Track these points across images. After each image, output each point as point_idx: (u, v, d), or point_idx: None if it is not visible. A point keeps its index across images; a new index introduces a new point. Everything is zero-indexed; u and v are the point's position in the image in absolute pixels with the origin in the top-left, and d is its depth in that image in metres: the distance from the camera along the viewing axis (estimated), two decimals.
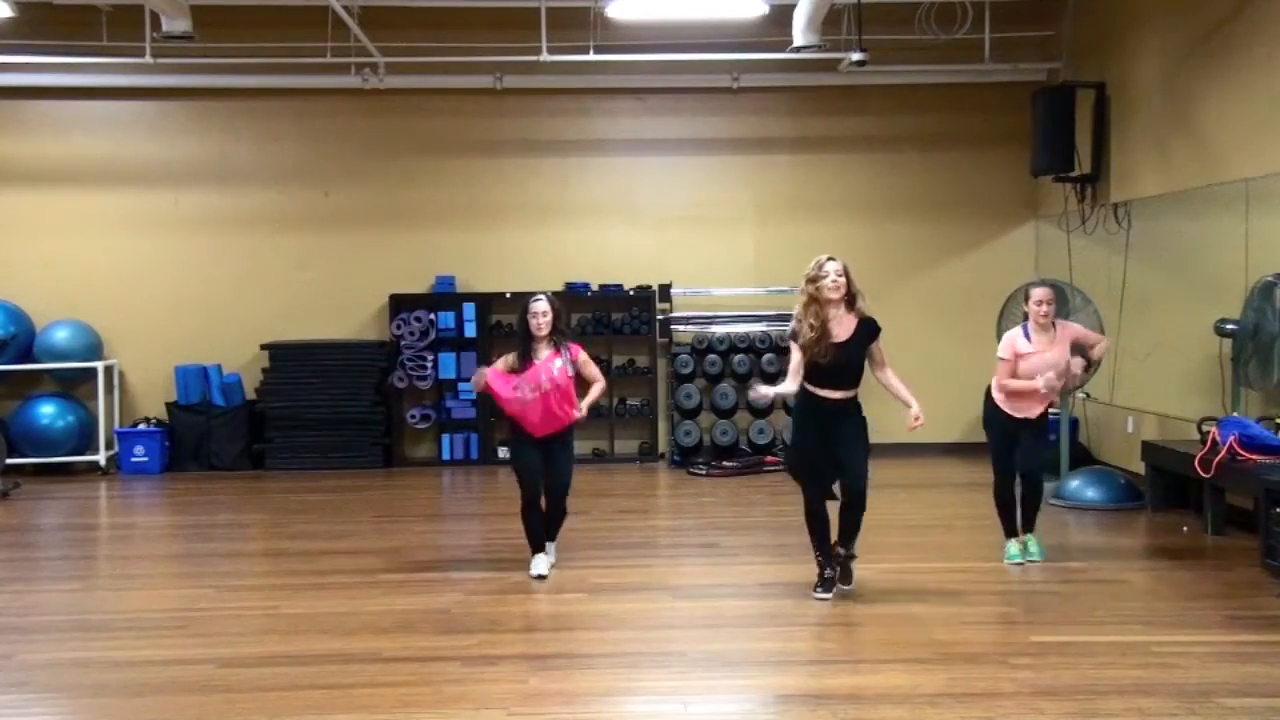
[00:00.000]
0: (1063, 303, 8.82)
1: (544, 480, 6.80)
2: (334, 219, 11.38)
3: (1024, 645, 5.43)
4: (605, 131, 11.55)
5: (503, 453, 11.23)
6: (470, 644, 5.56)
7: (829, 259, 6.13)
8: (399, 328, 11.10)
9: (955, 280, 11.34)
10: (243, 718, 4.72)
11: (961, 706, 4.65)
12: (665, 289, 11.29)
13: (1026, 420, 6.95)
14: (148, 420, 11.13)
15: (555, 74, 10.70)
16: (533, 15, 9.72)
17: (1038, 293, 6.98)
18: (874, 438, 6.71)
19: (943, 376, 9.96)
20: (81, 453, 10.93)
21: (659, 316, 11.31)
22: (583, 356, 6.95)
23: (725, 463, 10.78)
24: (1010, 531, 7.10)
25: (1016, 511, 7.07)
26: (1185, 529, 7.84)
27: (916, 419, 6.24)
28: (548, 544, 6.99)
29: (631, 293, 11.29)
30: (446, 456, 11.31)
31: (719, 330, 11.33)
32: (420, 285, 11.29)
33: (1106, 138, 9.96)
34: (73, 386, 11.19)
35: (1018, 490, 7.04)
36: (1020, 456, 6.96)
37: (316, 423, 10.93)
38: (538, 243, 11.37)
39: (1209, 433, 7.40)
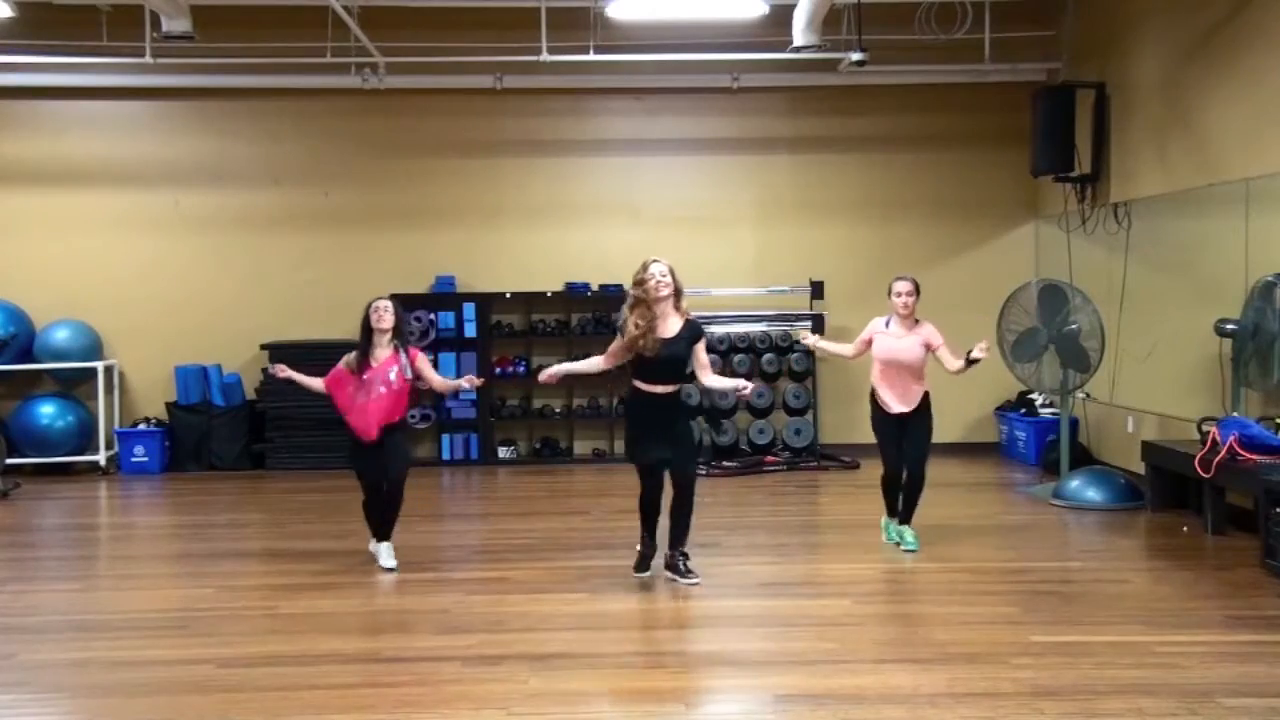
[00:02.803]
0: (1062, 302, 8.84)
1: (383, 472, 7.01)
2: (334, 219, 11.39)
3: (1024, 645, 5.43)
4: (605, 131, 11.56)
5: (504, 452, 11.27)
6: (470, 644, 5.56)
7: (654, 261, 6.50)
8: None
9: (955, 280, 11.33)
10: (243, 718, 4.72)
11: (961, 706, 4.65)
12: None
13: (904, 414, 7.26)
14: (148, 420, 11.14)
15: (555, 74, 10.70)
16: (533, 15, 9.73)
17: (899, 285, 7.32)
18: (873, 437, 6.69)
19: (942, 377, 9.95)
20: (81, 453, 10.94)
21: None
22: (421, 359, 7.10)
23: (725, 463, 10.78)
24: (890, 511, 7.49)
25: (898, 496, 7.42)
26: (1185, 529, 7.84)
27: (744, 390, 6.64)
28: (384, 544, 7.12)
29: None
30: (446, 456, 11.32)
31: (719, 330, 11.32)
32: (420, 285, 11.29)
33: (1106, 138, 9.96)
34: (73, 386, 11.19)
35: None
36: (906, 449, 7.29)
37: (316, 423, 10.91)
38: (538, 243, 11.38)
39: (1209, 433, 7.40)
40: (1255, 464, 6.97)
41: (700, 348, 6.61)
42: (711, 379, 6.74)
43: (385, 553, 7.10)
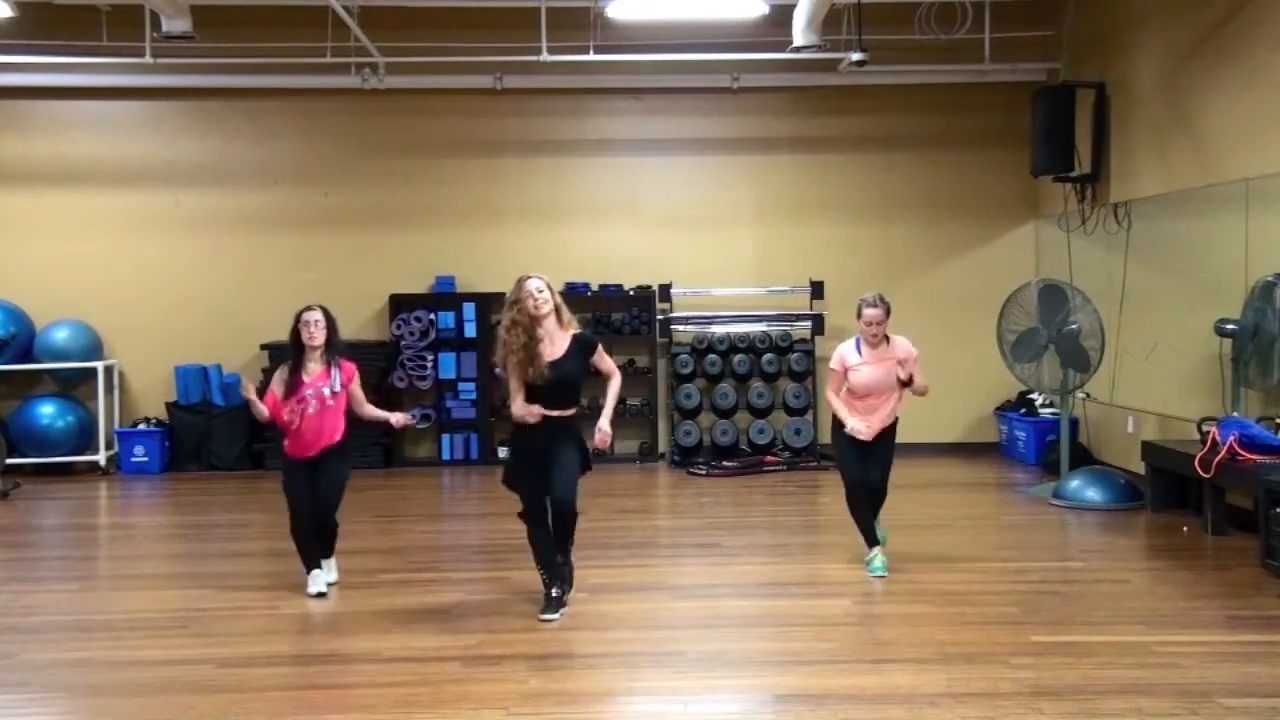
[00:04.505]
0: (1062, 302, 8.84)
1: (312, 494, 6.51)
2: (334, 219, 11.39)
3: (1024, 645, 5.43)
4: (605, 131, 11.55)
5: (504, 453, 11.21)
6: (470, 644, 5.56)
7: (529, 277, 5.95)
8: (399, 328, 11.11)
9: (955, 280, 11.34)
10: (243, 718, 4.72)
11: (961, 706, 4.65)
12: (665, 289, 11.29)
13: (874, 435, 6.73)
14: (148, 420, 11.14)
15: (555, 74, 10.70)
16: (533, 15, 9.73)
17: (869, 313, 6.66)
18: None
19: (943, 377, 9.92)
20: (81, 453, 10.94)
21: (659, 316, 11.31)
22: (355, 379, 6.67)
23: (725, 463, 10.78)
24: (871, 542, 6.85)
25: (874, 522, 6.87)
26: (1185, 529, 7.84)
27: (602, 438, 6.03)
28: (324, 560, 6.65)
29: (631, 293, 11.29)
30: (446, 456, 11.31)
31: (719, 330, 11.33)
32: (420, 285, 11.29)
33: (1106, 138, 9.96)
34: (73, 386, 11.19)
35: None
36: (872, 468, 6.75)
37: None
38: (538, 243, 11.36)
39: (1209, 433, 7.40)
40: (1255, 464, 6.96)
41: (600, 357, 6.04)
42: (612, 388, 6.14)
43: (314, 579, 6.51)
